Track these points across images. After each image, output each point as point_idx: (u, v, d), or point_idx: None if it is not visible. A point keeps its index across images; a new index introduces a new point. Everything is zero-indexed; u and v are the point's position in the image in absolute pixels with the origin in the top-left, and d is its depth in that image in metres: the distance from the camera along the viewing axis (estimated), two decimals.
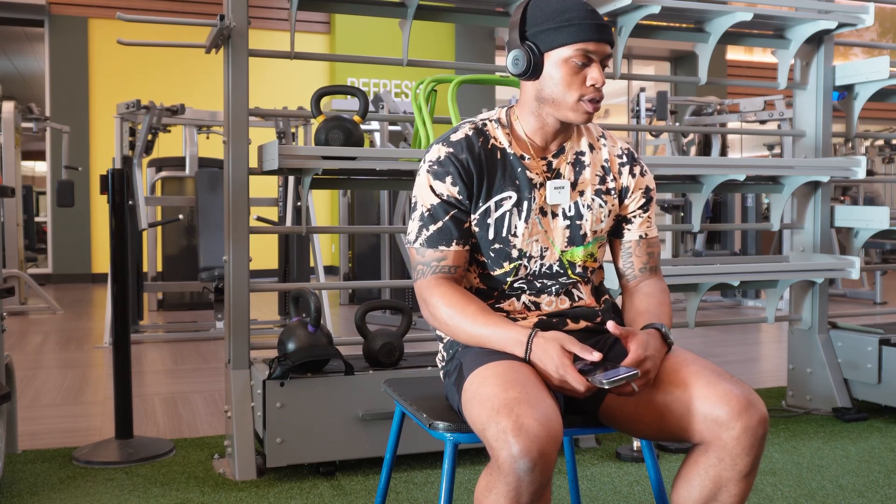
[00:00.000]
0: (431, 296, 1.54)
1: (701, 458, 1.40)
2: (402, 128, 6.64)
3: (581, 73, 1.54)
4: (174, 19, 2.73)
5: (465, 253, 1.58)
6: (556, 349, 1.40)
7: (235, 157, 2.67)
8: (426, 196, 1.57)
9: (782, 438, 3.03)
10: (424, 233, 1.57)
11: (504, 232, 1.58)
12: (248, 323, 2.72)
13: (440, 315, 1.53)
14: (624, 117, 12.28)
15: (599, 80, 1.53)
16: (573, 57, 1.52)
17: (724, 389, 1.38)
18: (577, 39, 1.52)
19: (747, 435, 1.35)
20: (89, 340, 5.38)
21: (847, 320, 3.55)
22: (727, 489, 1.38)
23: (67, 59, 9.52)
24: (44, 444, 2.97)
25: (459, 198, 1.56)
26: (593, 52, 1.53)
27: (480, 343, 1.50)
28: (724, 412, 1.36)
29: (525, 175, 1.59)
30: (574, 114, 1.56)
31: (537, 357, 1.42)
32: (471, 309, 1.51)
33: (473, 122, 1.63)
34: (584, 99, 1.54)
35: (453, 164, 1.55)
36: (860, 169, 3.21)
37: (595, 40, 1.52)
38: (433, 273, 1.56)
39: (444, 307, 1.52)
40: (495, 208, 1.58)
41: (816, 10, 3.18)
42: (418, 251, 1.58)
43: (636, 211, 1.68)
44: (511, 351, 1.45)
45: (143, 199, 5.37)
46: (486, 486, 1.31)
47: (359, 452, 2.62)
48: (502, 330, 1.47)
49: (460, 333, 1.52)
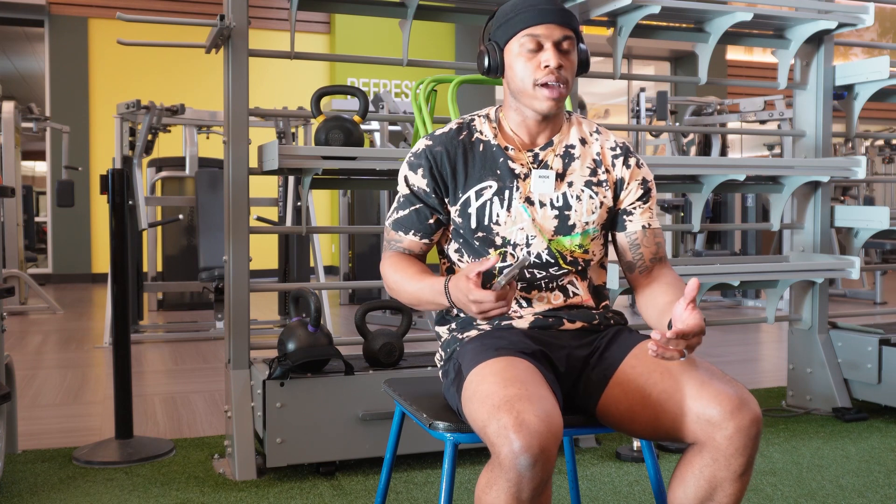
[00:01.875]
0: (386, 267, 1.65)
1: (695, 459, 1.40)
2: (402, 128, 6.64)
3: (535, 58, 1.57)
4: (174, 19, 2.73)
5: (420, 244, 1.66)
6: (462, 282, 1.41)
7: (235, 157, 2.67)
8: (401, 184, 1.67)
9: (782, 438, 3.03)
10: (394, 215, 1.68)
11: (486, 220, 1.61)
12: (248, 323, 2.72)
13: (389, 281, 1.63)
14: (624, 117, 12.28)
15: (552, 61, 1.55)
16: (524, 44, 1.57)
17: (717, 389, 1.38)
18: (524, 26, 1.57)
19: (740, 435, 1.35)
20: (89, 340, 5.38)
21: (847, 320, 3.55)
22: (722, 489, 1.38)
23: (67, 59, 9.51)
24: (44, 444, 2.97)
25: (427, 191, 1.62)
26: (542, 36, 1.56)
27: (417, 299, 1.57)
28: (716, 412, 1.36)
29: (507, 165, 1.62)
30: (537, 101, 1.58)
31: (456, 299, 1.46)
32: (410, 270, 1.60)
33: (462, 118, 1.69)
34: (541, 83, 1.56)
35: (426, 158, 1.62)
36: (860, 169, 3.21)
37: (542, 23, 1.56)
38: (391, 250, 1.68)
39: (392, 272, 1.62)
40: (476, 197, 1.61)
41: (816, 10, 3.18)
42: (387, 230, 1.69)
43: (635, 203, 1.67)
44: (440, 302, 1.51)
45: (143, 199, 5.37)
46: (487, 482, 1.31)
47: (359, 452, 2.62)
48: (429, 282, 1.54)
49: (403, 294, 1.60)
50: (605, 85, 12.52)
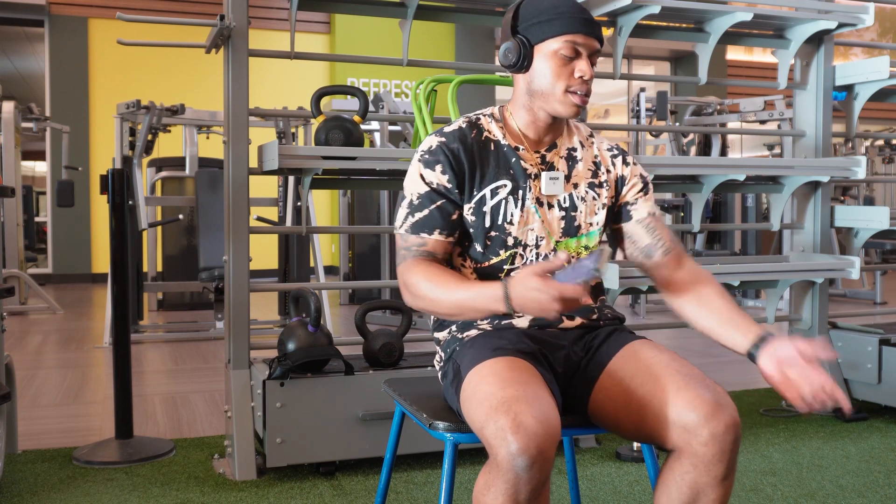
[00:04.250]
0: (411, 275, 1.52)
1: (675, 465, 1.39)
2: (402, 128, 6.64)
3: (569, 65, 1.55)
4: (174, 19, 2.73)
5: (446, 244, 1.57)
6: (534, 281, 1.32)
7: (235, 157, 2.67)
8: (416, 184, 1.58)
9: (782, 438, 3.03)
10: (410, 219, 1.57)
11: (500, 220, 1.59)
12: (248, 323, 2.72)
13: (421, 291, 1.49)
14: (624, 117, 12.28)
15: (587, 73, 1.55)
16: (561, 49, 1.54)
17: (694, 394, 1.37)
18: (566, 31, 1.54)
19: (715, 441, 1.33)
20: (89, 340, 5.38)
21: (847, 320, 3.55)
22: (705, 494, 1.37)
23: (67, 59, 9.51)
24: (44, 444, 2.97)
25: (448, 186, 1.56)
26: (581, 45, 1.55)
27: (463, 309, 1.45)
28: (692, 418, 1.35)
29: (520, 165, 1.61)
30: (562, 106, 1.57)
31: (522, 299, 1.34)
32: (446, 278, 1.48)
33: (468, 116, 1.66)
34: (572, 90, 1.55)
35: (444, 154, 1.57)
36: (860, 169, 3.21)
37: (584, 33, 1.54)
38: (413, 256, 1.55)
39: (424, 282, 1.49)
40: (491, 196, 1.58)
41: (816, 10, 3.18)
42: (402, 237, 1.58)
43: (637, 195, 1.69)
44: (494, 308, 1.40)
45: (143, 199, 5.37)
46: (485, 484, 1.31)
47: (359, 452, 2.62)
48: (477, 289, 1.42)
49: (442, 304, 1.47)
50: (605, 85, 12.51)
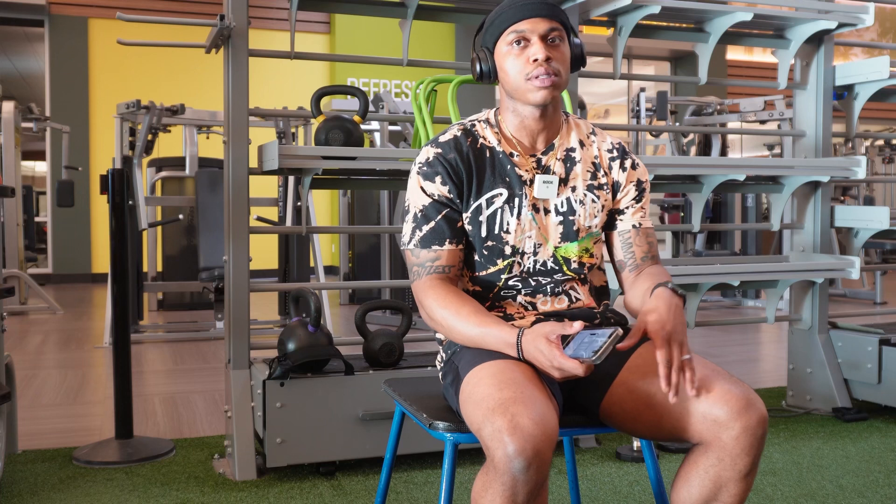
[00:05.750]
0: (426, 297, 1.55)
1: (700, 459, 1.40)
2: (402, 128, 6.64)
3: (523, 54, 1.56)
4: (174, 19, 2.73)
5: (458, 252, 1.59)
6: (543, 343, 1.39)
7: (235, 157, 2.67)
8: (418, 197, 1.59)
9: (782, 438, 3.03)
10: (418, 234, 1.58)
11: (496, 229, 1.59)
12: (248, 323, 2.72)
13: (436, 316, 1.54)
14: (624, 117, 12.28)
15: (540, 54, 1.54)
16: (510, 42, 1.57)
17: (723, 389, 1.38)
18: (508, 24, 1.57)
19: (746, 435, 1.35)
20: (89, 340, 5.38)
21: (847, 320, 3.55)
22: (727, 489, 1.38)
23: (67, 59, 9.51)
24: (44, 444, 2.97)
25: (450, 196, 1.57)
26: (528, 31, 1.56)
27: (476, 344, 1.50)
28: (723, 412, 1.36)
29: (514, 172, 1.61)
30: (531, 94, 1.57)
31: (530, 356, 1.41)
32: (465, 310, 1.51)
33: (462, 123, 1.66)
34: (533, 76, 1.55)
35: (441, 164, 1.58)
36: (860, 169, 3.21)
37: (524, 18, 1.56)
38: (428, 274, 1.57)
39: (439, 308, 1.53)
40: (487, 205, 1.59)
41: (816, 10, 3.18)
42: (413, 252, 1.59)
43: (629, 203, 1.68)
44: (507, 352, 1.46)
45: (143, 199, 5.37)
46: (483, 485, 1.31)
47: (359, 452, 2.62)
48: (494, 331, 1.47)
49: (455, 334, 1.53)
50: (605, 85, 12.53)
